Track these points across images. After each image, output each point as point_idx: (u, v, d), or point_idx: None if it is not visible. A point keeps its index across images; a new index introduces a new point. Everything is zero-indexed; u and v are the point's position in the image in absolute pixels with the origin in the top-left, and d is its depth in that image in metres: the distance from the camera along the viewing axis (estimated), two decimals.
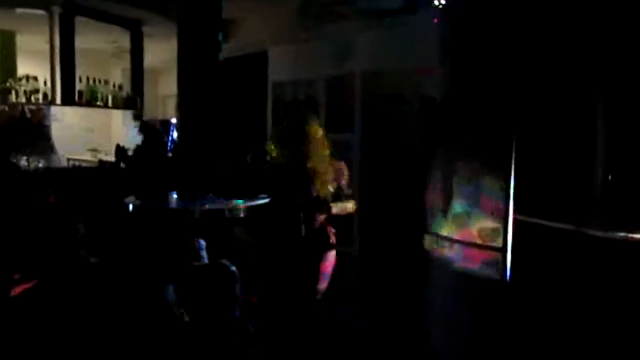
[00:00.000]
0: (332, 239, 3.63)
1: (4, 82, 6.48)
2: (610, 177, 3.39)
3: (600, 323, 3.00)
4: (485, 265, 3.36)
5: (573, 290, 3.13)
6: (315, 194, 3.55)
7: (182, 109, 5.12)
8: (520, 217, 3.21)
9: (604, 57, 3.25)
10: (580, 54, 3.30)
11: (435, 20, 4.05)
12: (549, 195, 3.43)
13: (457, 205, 3.52)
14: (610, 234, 3.10)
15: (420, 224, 3.82)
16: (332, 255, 3.63)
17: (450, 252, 3.60)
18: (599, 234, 3.15)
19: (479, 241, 3.39)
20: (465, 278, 3.45)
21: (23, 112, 6.96)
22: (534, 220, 3.33)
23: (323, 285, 3.61)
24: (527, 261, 3.21)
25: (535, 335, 3.20)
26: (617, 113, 3.31)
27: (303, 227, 3.54)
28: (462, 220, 3.51)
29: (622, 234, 3.04)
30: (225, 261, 2.67)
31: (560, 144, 3.40)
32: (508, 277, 3.20)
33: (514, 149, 3.16)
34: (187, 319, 2.43)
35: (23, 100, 6.51)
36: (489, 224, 3.34)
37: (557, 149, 3.42)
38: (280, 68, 7.14)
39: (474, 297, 3.39)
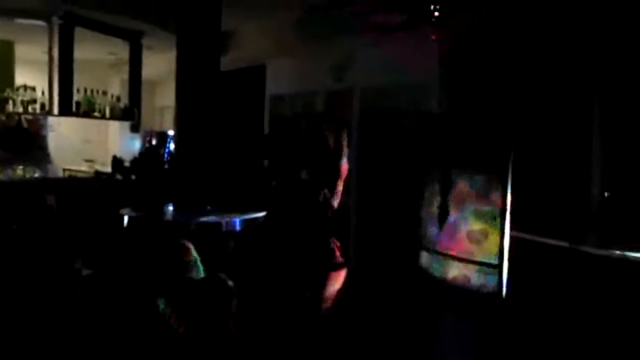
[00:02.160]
0: (338, 254, 3.58)
1: (2, 91, 6.47)
2: (606, 195, 3.40)
3: (595, 339, 2.99)
4: (479, 274, 3.35)
5: (568, 307, 3.13)
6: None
7: (179, 120, 5.12)
8: (515, 234, 3.22)
9: (601, 74, 3.28)
10: (577, 73, 3.33)
11: (434, 37, 4.09)
12: (544, 212, 3.44)
13: (452, 218, 3.52)
14: (605, 252, 3.10)
15: (416, 239, 3.82)
16: (340, 272, 3.58)
17: (445, 267, 3.59)
18: (594, 251, 3.15)
19: (468, 246, 3.38)
20: (462, 293, 3.44)
21: (20, 121, 6.97)
22: (530, 236, 3.34)
23: (329, 301, 3.57)
24: (522, 278, 3.21)
25: (530, 351, 3.19)
26: (613, 132, 3.34)
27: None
28: (453, 230, 3.50)
29: (618, 252, 3.04)
30: (222, 275, 2.65)
31: (557, 161, 3.42)
32: (504, 294, 3.20)
33: (510, 165, 3.17)
34: (181, 331, 2.41)
35: (20, 110, 6.49)
36: (477, 226, 3.33)
37: (554, 166, 3.44)
38: (278, 81, 7.17)
39: (470, 313, 3.38)
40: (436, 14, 3.96)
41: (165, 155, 6.71)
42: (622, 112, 3.29)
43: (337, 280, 3.51)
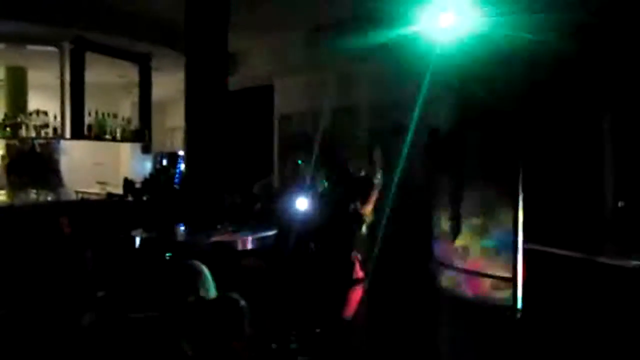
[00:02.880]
0: (358, 268, 3.62)
1: (15, 117, 6.56)
2: (620, 205, 3.36)
3: (613, 352, 2.94)
4: (494, 290, 3.32)
5: (584, 318, 3.08)
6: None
7: (189, 141, 5.15)
8: (528, 246, 3.18)
9: (611, 86, 3.27)
10: (587, 84, 3.32)
11: (439, 52, 4.08)
12: (558, 223, 3.40)
13: (462, 237, 3.50)
14: (621, 262, 3.06)
15: (429, 253, 3.80)
16: (357, 289, 3.63)
17: (459, 282, 3.56)
18: (610, 261, 3.11)
19: (481, 262, 3.36)
20: (477, 308, 3.40)
21: (33, 146, 7.05)
22: (543, 248, 3.30)
23: (349, 312, 3.62)
24: (537, 290, 3.17)
25: None
26: (625, 140, 3.31)
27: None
28: (464, 251, 3.48)
29: (635, 262, 3.00)
30: (235, 295, 2.62)
31: (569, 172, 3.39)
32: (519, 306, 3.16)
33: (521, 178, 3.15)
34: (191, 353, 2.39)
35: (33, 134, 6.58)
36: (490, 243, 3.31)
37: (566, 178, 3.41)
38: (286, 100, 7.21)
39: (485, 327, 3.34)
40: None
41: (176, 176, 6.75)
42: (635, 120, 3.27)
43: (354, 297, 3.55)
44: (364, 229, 3.86)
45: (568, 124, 3.40)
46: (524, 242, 3.17)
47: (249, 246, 4.56)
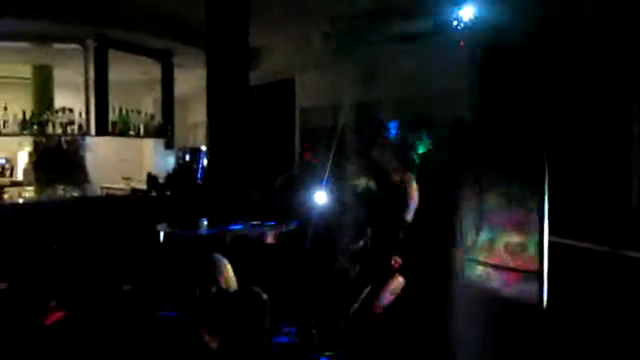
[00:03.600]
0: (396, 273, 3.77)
1: (41, 114, 6.69)
2: None
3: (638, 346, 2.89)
4: (519, 284, 3.28)
5: (611, 313, 3.03)
6: None
7: (211, 136, 5.19)
8: (553, 239, 3.14)
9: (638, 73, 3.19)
10: (613, 72, 3.25)
11: (462, 44, 4.04)
12: (583, 216, 3.35)
13: (487, 231, 3.46)
14: None
15: (455, 247, 3.77)
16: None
17: (483, 276, 3.53)
18: (636, 254, 3.05)
19: (506, 257, 3.33)
20: (501, 302, 3.37)
21: (60, 143, 7.18)
22: (569, 241, 3.25)
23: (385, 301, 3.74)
24: (562, 284, 3.12)
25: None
26: None
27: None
28: (489, 245, 3.45)
29: None
30: (257, 289, 2.63)
31: (594, 163, 3.33)
32: (545, 301, 3.12)
33: (546, 170, 3.10)
34: (214, 347, 2.41)
35: (59, 131, 6.70)
36: (515, 238, 3.28)
37: (591, 169, 3.35)
38: (307, 94, 7.20)
39: (509, 321, 3.30)
40: (463, 20, 3.93)
41: (199, 171, 6.80)
42: None
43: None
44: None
45: (594, 114, 3.33)
46: (550, 235, 3.12)
47: (271, 240, 4.59)
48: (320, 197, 4.50)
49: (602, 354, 3.02)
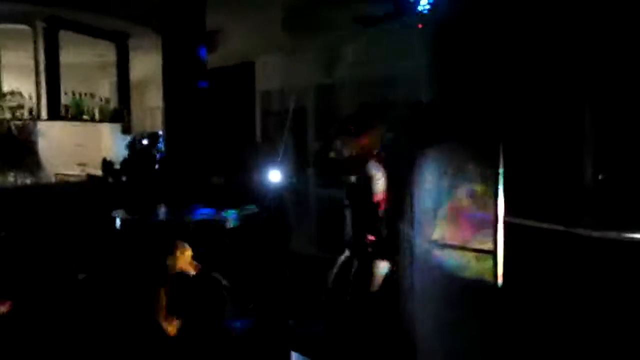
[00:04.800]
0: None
1: None
2: (600, 177, 3.37)
3: (595, 325, 2.97)
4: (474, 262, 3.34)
5: (565, 292, 3.11)
6: None
7: (168, 120, 5.08)
8: (508, 219, 3.19)
9: (591, 54, 3.25)
10: (567, 52, 3.30)
11: (420, 26, 4.05)
12: (537, 196, 3.41)
13: (444, 212, 3.50)
14: (600, 234, 3.08)
15: (411, 229, 3.80)
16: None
17: (441, 256, 3.57)
18: (589, 233, 3.13)
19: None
20: (458, 283, 3.41)
21: (9, 128, 6.91)
22: (522, 221, 3.31)
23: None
24: (516, 264, 3.18)
25: (528, 339, 3.17)
26: (606, 112, 3.31)
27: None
28: (449, 218, 3.49)
29: (614, 233, 3.02)
30: (216, 274, 2.63)
31: (548, 143, 3.39)
32: (500, 282, 3.17)
33: (501, 150, 3.14)
34: (172, 332, 2.38)
35: (8, 116, 6.45)
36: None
37: (545, 149, 3.41)
38: (268, 77, 7.13)
39: (467, 302, 3.36)
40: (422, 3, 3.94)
41: (157, 155, 6.67)
42: (615, 92, 3.26)
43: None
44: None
45: (549, 91, 3.39)
46: (508, 215, 3.17)
47: (232, 225, 4.55)
48: (275, 177, 4.52)
49: (558, 333, 3.10)
